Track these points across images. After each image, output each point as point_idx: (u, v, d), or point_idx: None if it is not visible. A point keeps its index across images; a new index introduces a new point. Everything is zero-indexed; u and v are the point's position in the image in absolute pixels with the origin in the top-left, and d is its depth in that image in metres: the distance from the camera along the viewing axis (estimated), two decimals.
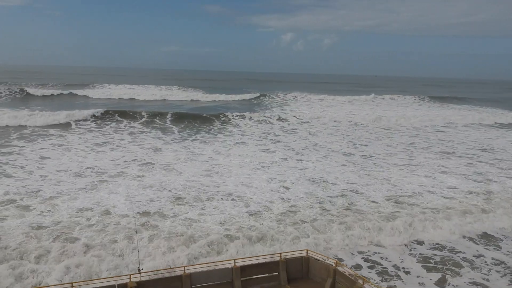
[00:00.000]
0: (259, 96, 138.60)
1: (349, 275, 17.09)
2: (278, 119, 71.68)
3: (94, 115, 63.05)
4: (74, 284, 15.50)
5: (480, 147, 52.39)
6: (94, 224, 23.44)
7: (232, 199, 28.55)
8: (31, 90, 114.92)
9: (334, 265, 17.74)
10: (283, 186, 31.87)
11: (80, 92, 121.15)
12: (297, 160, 40.79)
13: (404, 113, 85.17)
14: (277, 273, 18.17)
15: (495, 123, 79.22)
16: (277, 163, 39.18)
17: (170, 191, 29.61)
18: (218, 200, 28.34)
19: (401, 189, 32.58)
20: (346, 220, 25.66)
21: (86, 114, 62.34)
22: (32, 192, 28.30)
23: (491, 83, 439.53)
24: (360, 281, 16.44)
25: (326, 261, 18.31)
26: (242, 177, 33.76)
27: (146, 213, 25.50)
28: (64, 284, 16.57)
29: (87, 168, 34.32)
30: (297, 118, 73.09)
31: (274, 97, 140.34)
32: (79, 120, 60.01)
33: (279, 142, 50.67)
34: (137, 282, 15.99)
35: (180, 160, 38.72)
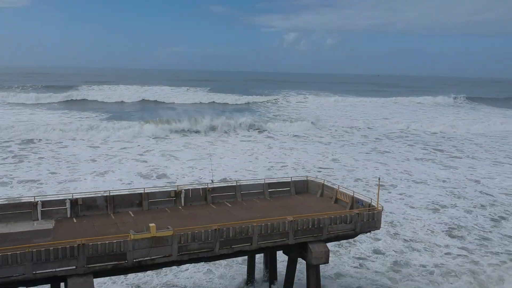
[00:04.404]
0: (262, 98, 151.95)
1: (331, 186, 29.69)
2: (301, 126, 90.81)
3: None
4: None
5: None
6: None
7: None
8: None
9: (322, 182, 30.34)
10: None
11: (91, 94, 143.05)
12: None
13: None
14: (289, 188, 30.77)
15: None
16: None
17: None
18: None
19: None
20: None
21: None
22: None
23: (502, 81, 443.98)
24: (336, 187, 29.01)
25: (318, 181, 30.94)
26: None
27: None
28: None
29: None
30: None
31: (278, 98, 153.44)
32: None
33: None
34: (211, 188, 28.65)
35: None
